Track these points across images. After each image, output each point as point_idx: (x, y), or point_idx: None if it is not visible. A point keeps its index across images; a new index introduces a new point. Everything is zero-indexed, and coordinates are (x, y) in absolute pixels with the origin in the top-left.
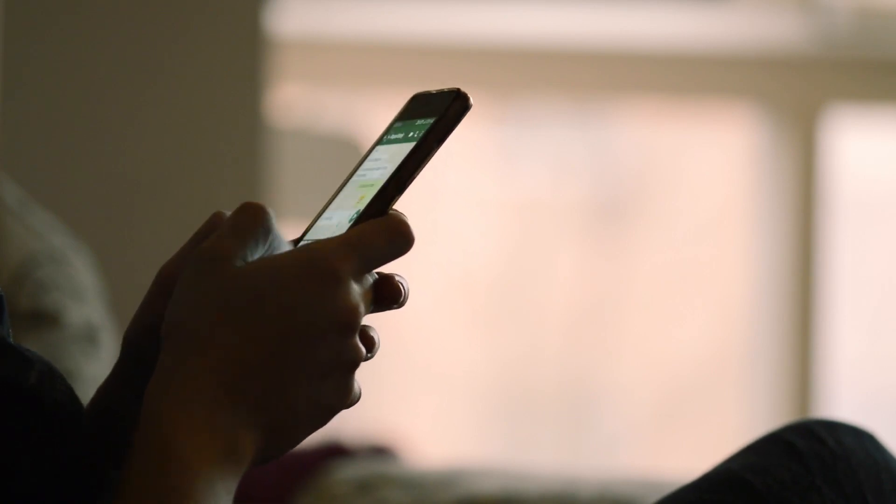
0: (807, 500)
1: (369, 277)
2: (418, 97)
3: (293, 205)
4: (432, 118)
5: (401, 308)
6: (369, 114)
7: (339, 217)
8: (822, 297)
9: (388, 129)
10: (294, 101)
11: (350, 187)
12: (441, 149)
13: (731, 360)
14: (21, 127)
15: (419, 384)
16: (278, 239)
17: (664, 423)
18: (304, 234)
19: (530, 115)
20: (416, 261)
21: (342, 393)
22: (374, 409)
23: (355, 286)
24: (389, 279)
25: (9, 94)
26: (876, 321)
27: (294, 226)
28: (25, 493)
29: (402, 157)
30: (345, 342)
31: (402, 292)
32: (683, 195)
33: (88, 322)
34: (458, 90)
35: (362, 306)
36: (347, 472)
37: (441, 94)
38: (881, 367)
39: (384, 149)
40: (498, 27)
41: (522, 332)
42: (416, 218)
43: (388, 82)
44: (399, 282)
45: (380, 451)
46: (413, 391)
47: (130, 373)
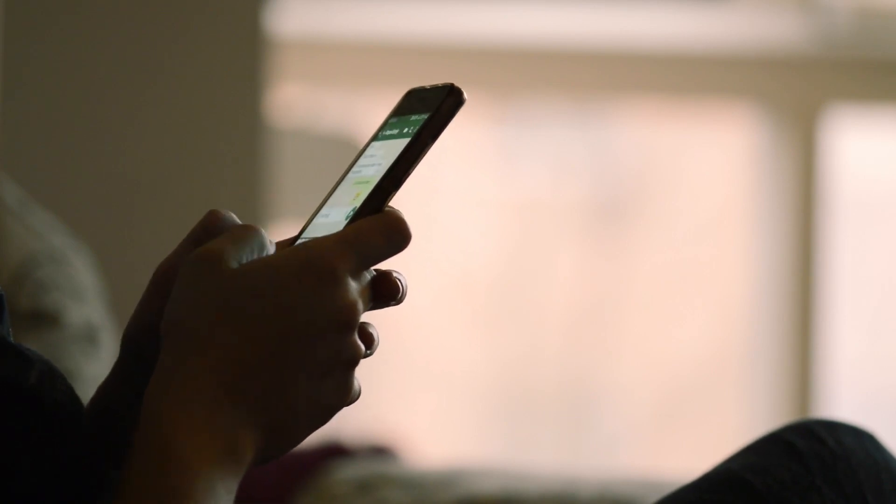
0: (807, 500)
1: (367, 275)
2: (413, 93)
3: (293, 205)
4: (426, 114)
5: (399, 304)
6: (369, 114)
7: (336, 214)
8: (822, 297)
9: (384, 126)
10: (294, 101)
11: (346, 184)
12: (437, 144)
13: (731, 360)
14: (21, 127)
15: (419, 384)
16: (268, 252)
17: (664, 423)
18: (301, 232)
19: (530, 115)
20: (416, 261)
21: (342, 391)
22: (373, 409)
23: (353, 284)
24: (387, 276)
25: (9, 94)
26: (876, 321)
27: (293, 226)
28: (25, 493)
29: (396, 154)
30: (344, 340)
31: (401, 288)
32: (683, 195)
33: (88, 322)
34: (452, 85)
35: (360, 303)
36: (347, 472)
37: (435, 90)
38: (881, 367)
39: (379, 145)
40: (498, 27)
41: (522, 332)
42: (417, 218)
43: (388, 82)
44: (397, 278)
45: (380, 451)
46: (413, 391)
47: (130, 372)
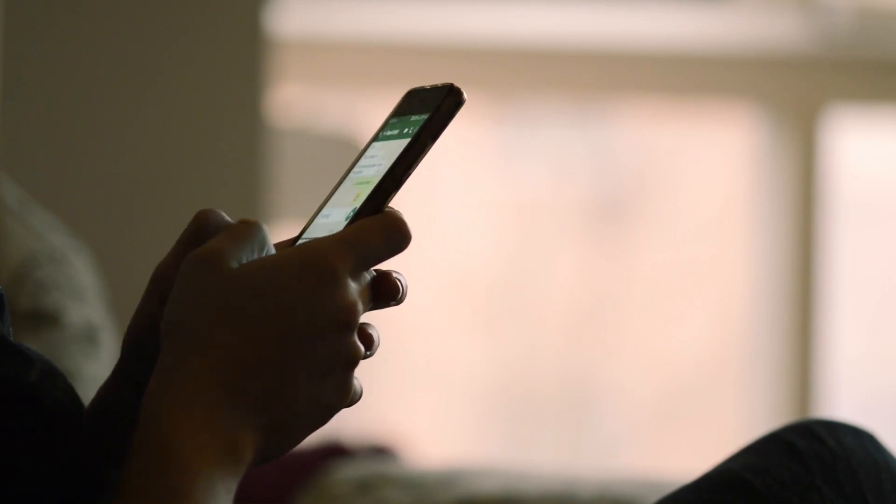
0: (807, 500)
1: (367, 275)
2: (413, 93)
3: (293, 205)
4: (426, 114)
5: (399, 305)
6: (369, 114)
7: (336, 215)
8: (822, 297)
9: (384, 126)
10: (294, 101)
11: (346, 184)
12: (437, 144)
13: (731, 360)
14: (21, 127)
15: (419, 384)
16: (271, 253)
17: (664, 423)
18: (301, 233)
19: (530, 115)
20: (416, 261)
21: (342, 392)
22: (374, 409)
23: (353, 284)
24: (387, 276)
25: (9, 94)
26: (876, 321)
27: (293, 226)
28: (25, 493)
29: (396, 154)
30: (344, 340)
31: (401, 289)
32: (683, 195)
33: (88, 322)
34: (451, 85)
35: (360, 304)
36: (347, 472)
37: (435, 90)
38: (881, 367)
39: (380, 145)
40: (498, 27)
41: (522, 332)
42: (417, 218)
43: (388, 82)
44: (397, 278)
45: (380, 451)
46: (413, 391)
47: (131, 372)
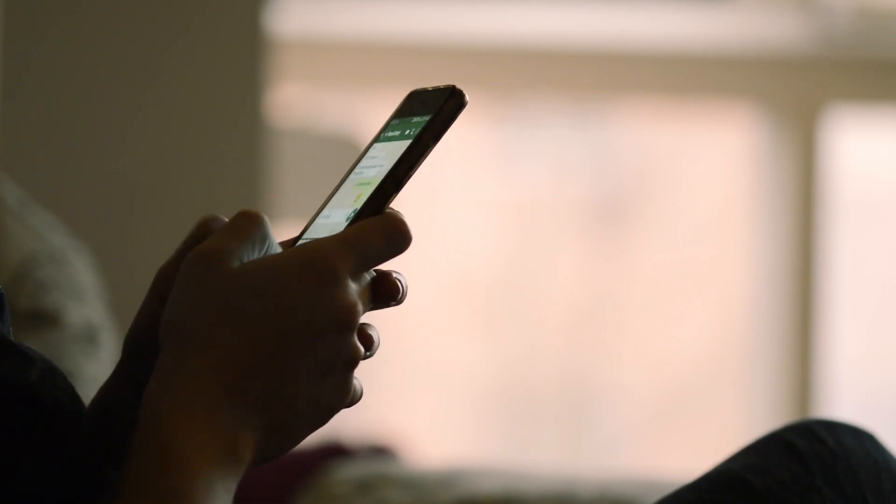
0: (807, 500)
1: (367, 276)
2: (415, 94)
3: (293, 205)
4: (428, 115)
5: (399, 305)
6: (369, 114)
7: (337, 215)
8: (822, 297)
9: (385, 127)
10: (294, 101)
11: (347, 185)
12: (438, 146)
13: (731, 360)
14: (21, 127)
15: (419, 384)
16: (273, 247)
17: (664, 423)
18: (302, 233)
19: (530, 115)
20: (416, 261)
21: (342, 392)
22: (374, 409)
23: (353, 284)
24: (387, 276)
25: (9, 94)
26: (876, 321)
27: (293, 226)
28: (25, 493)
29: (398, 155)
30: (344, 341)
31: (401, 289)
32: (683, 195)
33: (88, 322)
34: (453, 87)
35: (360, 304)
36: (347, 472)
37: (437, 91)
38: (881, 367)
39: (381, 146)
40: (498, 27)
41: (522, 332)
42: (416, 218)
43: (388, 82)
44: (397, 279)
45: (380, 451)
46: (413, 391)
47: (131, 372)
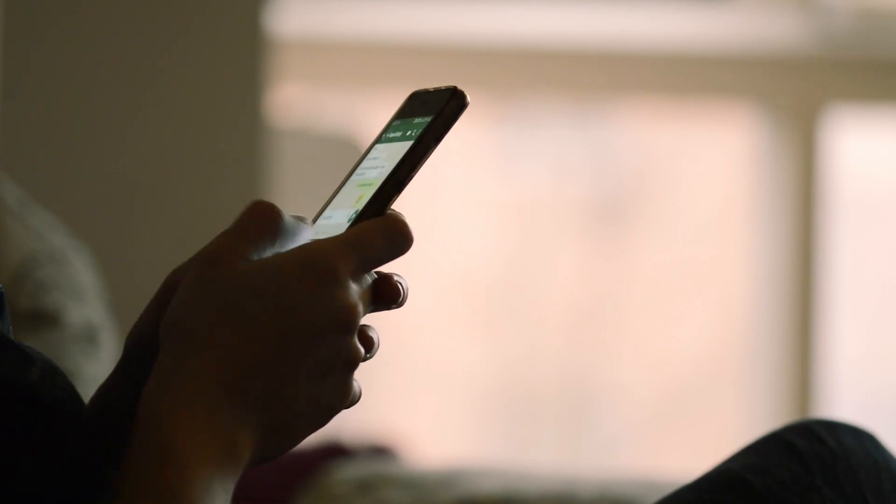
0: (807, 500)
1: (368, 277)
2: (416, 95)
3: (293, 205)
4: (429, 117)
5: (400, 308)
6: (369, 114)
7: (338, 216)
8: (822, 297)
9: (387, 128)
10: (294, 101)
11: (349, 186)
12: (439, 147)
13: (731, 360)
14: (21, 127)
15: (419, 384)
16: (291, 236)
17: (664, 423)
18: None
19: (530, 115)
20: (416, 261)
21: (342, 393)
22: (374, 409)
23: (354, 286)
24: (388, 279)
25: (9, 94)
26: (876, 321)
27: None
28: (25, 493)
29: (399, 157)
30: (344, 341)
31: (401, 292)
32: (683, 195)
33: (88, 322)
34: (455, 88)
35: (361, 306)
36: (347, 472)
37: (438, 92)
38: (881, 367)
39: (382, 147)
40: (498, 27)
41: (522, 332)
42: (416, 218)
43: (388, 82)
44: (398, 281)
45: (380, 451)
46: (413, 391)
47: (131, 372)
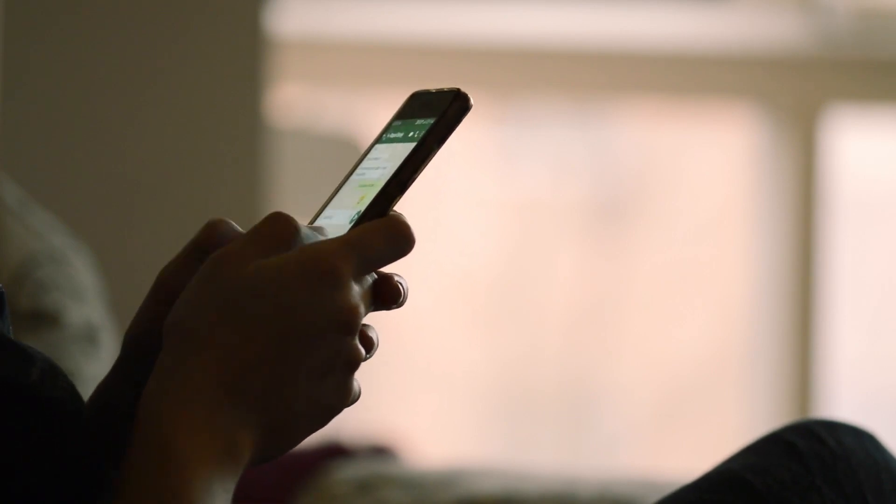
0: (807, 500)
1: (369, 278)
2: (417, 96)
3: (293, 205)
4: (432, 118)
5: (400, 308)
6: (369, 114)
7: (340, 217)
8: (822, 297)
9: (388, 128)
10: (294, 101)
11: (349, 186)
12: (441, 149)
13: (731, 360)
14: (21, 127)
15: (419, 384)
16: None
17: (664, 423)
18: None
19: (530, 115)
20: (417, 261)
21: (342, 393)
22: (374, 409)
23: (355, 286)
24: (389, 279)
25: (9, 94)
26: (876, 321)
27: None
28: (25, 493)
29: (402, 158)
30: (344, 342)
31: (402, 292)
32: (683, 195)
33: (88, 322)
34: (458, 90)
35: (362, 306)
36: (347, 472)
37: (441, 94)
38: (881, 367)
39: (384, 148)
40: (498, 27)
41: (522, 332)
42: (416, 218)
43: (388, 82)
44: (398, 282)
45: (380, 451)
46: (413, 391)
47: (130, 372)
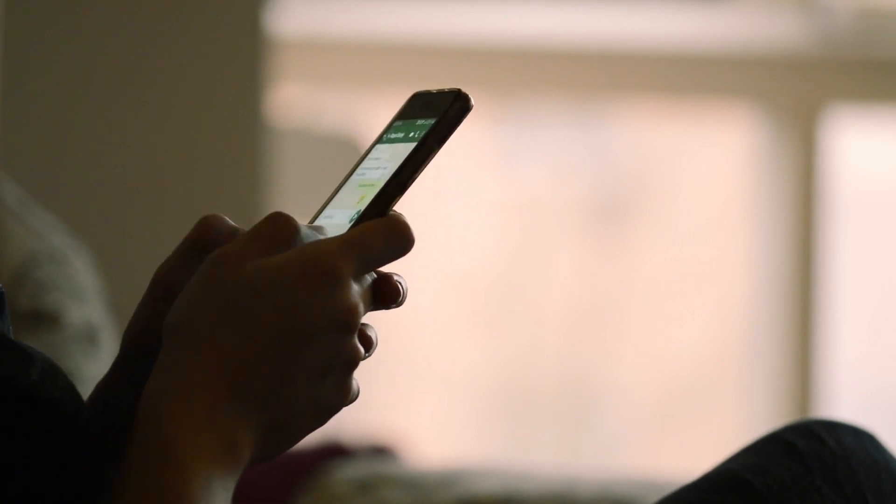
0: (807, 500)
1: (368, 277)
2: (418, 96)
3: (293, 205)
4: (433, 119)
5: (399, 307)
6: (369, 114)
7: (340, 216)
8: (822, 297)
9: (388, 128)
10: (294, 101)
11: (350, 186)
12: (442, 149)
13: (731, 360)
14: (21, 127)
15: (419, 384)
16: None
17: (664, 423)
18: None
19: (530, 115)
20: (417, 260)
21: (341, 392)
22: (374, 409)
23: (355, 286)
24: (388, 278)
25: (9, 94)
26: (876, 321)
27: None
28: (25, 493)
29: (402, 158)
30: (344, 342)
31: (401, 292)
32: (683, 195)
33: (88, 322)
34: (459, 91)
35: (361, 306)
36: (347, 472)
37: (441, 95)
38: (881, 367)
39: (384, 148)
40: (498, 27)
41: (522, 332)
42: (416, 218)
43: (388, 82)
44: (398, 281)
45: (380, 451)
46: (413, 391)
47: (129, 371)
